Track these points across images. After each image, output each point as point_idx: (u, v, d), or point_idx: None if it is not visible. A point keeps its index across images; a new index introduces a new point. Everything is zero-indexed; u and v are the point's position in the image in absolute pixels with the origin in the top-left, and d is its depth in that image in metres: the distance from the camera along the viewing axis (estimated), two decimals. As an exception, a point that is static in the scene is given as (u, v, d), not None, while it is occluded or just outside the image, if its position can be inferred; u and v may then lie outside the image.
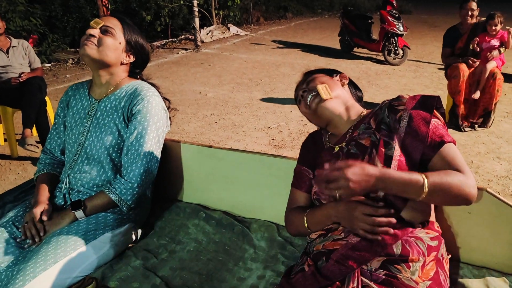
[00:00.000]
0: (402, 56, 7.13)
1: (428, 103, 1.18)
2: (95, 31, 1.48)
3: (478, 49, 4.03)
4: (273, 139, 4.09)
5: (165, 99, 1.61)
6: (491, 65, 3.91)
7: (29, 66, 3.84)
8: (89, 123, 1.53)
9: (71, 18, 9.53)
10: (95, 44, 1.46)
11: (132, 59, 1.58)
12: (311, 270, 1.12)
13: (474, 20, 4.13)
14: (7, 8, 7.59)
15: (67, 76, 6.86)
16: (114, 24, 1.51)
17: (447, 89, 4.32)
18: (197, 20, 8.68)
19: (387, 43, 7.16)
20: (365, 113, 1.30)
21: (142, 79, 1.65)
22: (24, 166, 3.56)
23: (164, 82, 6.18)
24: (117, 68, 1.55)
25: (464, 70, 4.00)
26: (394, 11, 7.13)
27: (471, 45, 4.02)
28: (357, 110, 1.32)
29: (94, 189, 1.51)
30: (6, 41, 3.75)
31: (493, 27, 3.94)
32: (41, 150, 3.46)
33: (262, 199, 1.63)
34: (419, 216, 1.15)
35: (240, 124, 4.53)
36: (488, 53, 3.93)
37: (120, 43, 1.52)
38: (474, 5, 4.07)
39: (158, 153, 1.53)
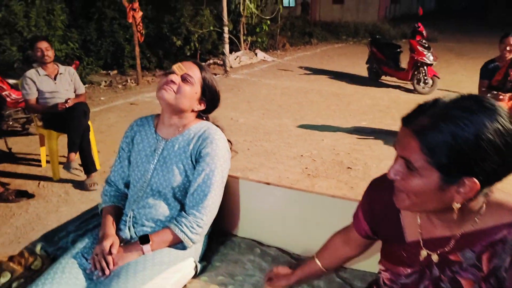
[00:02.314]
0: (432, 86, 7.11)
1: None
2: (177, 78, 1.56)
3: (514, 82, 4.04)
4: (307, 168, 4.12)
5: (228, 141, 1.68)
6: (531, 100, 3.90)
7: (74, 92, 4.01)
8: (155, 161, 1.60)
9: (105, 42, 9.91)
10: (174, 91, 1.54)
11: (203, 107, 1.65)
12: None
13: (513, 55, 4.16)
14: (47, 32, 7.94)
15: (102, 98, 7.09)
16: (195, 73, 1.59)
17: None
18: (227, 46, 8.90)
19: (416, 72, 7.18)
20: (480, 217, 0.92)
21: (208, 120, 1.71)
22: (66, 189, 3.67)
23: (195, 107, 6.31)
24: (188, 114, 1.62)
25: (501, 107, 3.98)
26: (423, 41, 7.17)
27: (510, 76, 4.03)
28: (470, 208, 0.92)
29: (158, 224, 1.57)
30: (54, 68, 3.92)
31: None
32: (82, 173, 3.61)
33: (318, 238, 1.64)
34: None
35: (273, 151, 4.58)
36: (525, 89, 3.93)
37: (196, 93, 1.59)
38: (514, 40, 4.11)
39: (221, 193, 1.58)
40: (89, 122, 3.87)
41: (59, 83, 3.87)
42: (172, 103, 1.55)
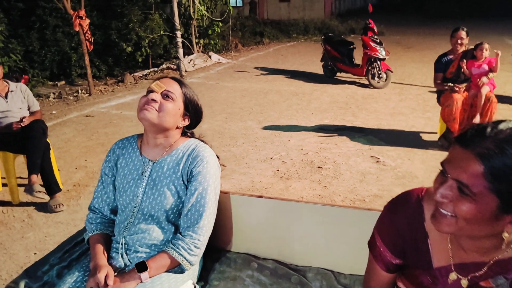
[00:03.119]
0: (386, 80, 7.36)
1: None
2: (157, 96, 1.49)
3: (467, 72, 4.25)
4: (278, 170, 4.12)
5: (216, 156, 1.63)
6: (485, 90, 4.12)
7: (28, 110, 3.77)
8: (144, 184, 1.52)
9: (49, 52, 9.44)
10: (156, 109, 1.48)
11: (187, 122, 1.60)
12: None
13: (463, 48, 4.37)
14: (-13, 45, 7.44)
15: (53, 112, 6.74)
16: (175, 89, 1.54)
17: (440, 115, 4.50)
18: (181, 50, 8.75)
19: (370, 68, 7.40)
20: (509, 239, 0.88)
21: (194, 137, 1.66)
22: (29, 213, 3.45)
23: (155, 115, 6.14)
24: (173, 131, 1.56)
25: (457, 98, 4.20)
26: (375, 37, 7.40)
27: (462, 68, 4.24)
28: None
29: (153, 248, 1.50)
30: (4, 85, 3.67)
31: (482, 51, 4.17)
32: (45, 195, 3.39)
33: (314, 246, 1.65)
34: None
35: (242, 156, 4.54)
36: (478, 80, 4.14)
37: (179, 109, 1.54)
38: (463, 34, 4.32)
39: (215, 211, 1.54)
40: (48, 140, 3.65)
41: (11, 102, 3.62)
42: (156, 122, 1.49)
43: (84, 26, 7.48)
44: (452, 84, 4.33)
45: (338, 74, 8.38)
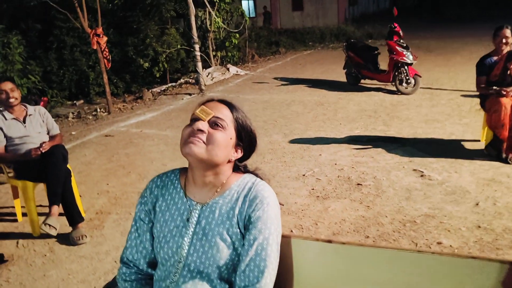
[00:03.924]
0: (414, 85, 7.01)
1: None
2: (204, 125, 1.21)
3: (514, 75, 3.91)
4: (313, 189, 3.81)
5: None
6: (536, 93, 3.77)
7: (47, 134, 3.56)
8: (191, 233, 1.24)
9: (67, 71, 9.38)
10: (203, 142, 1.19)
11: (239, 154, 1.31)
12: None
13: (508, 48, 4.01)
14: (5, 67, 7.37)
15: (73, 133, 6.57)
16: (225, 114, 1.25)
17: (485, 122, 4.15)
18: (200, 64, 8.55)
19: (397, 73, 7.07)
20: None
21: (249, 171, 1.38)
22: (50, 246, 3.21)
23: (177, 133, 5.91)
24: (224, 167, 1.27)
25: (505, 103, 3.84)
26: (401, 41, 7.08)
27: (509, 70, 3.88)
28: None
29: (202, 313, 1.21)
30: (22, 109, 3.48)
31: None
32: (54, 229, 3.12)
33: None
34: None
35: (271, 174, 4.25)
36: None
37: (231, 138, 1.25)
38: (508, 32, 3.98)
39: (277, 264, 1.24)
40: (68, 166, 3.43)
41: (29, 126, 3.43)
42: (204, 157, 1.20)
43: (101, 44, 7.36)
44: (499, 88, 3.97)
45: (362, 81, 8.06)
